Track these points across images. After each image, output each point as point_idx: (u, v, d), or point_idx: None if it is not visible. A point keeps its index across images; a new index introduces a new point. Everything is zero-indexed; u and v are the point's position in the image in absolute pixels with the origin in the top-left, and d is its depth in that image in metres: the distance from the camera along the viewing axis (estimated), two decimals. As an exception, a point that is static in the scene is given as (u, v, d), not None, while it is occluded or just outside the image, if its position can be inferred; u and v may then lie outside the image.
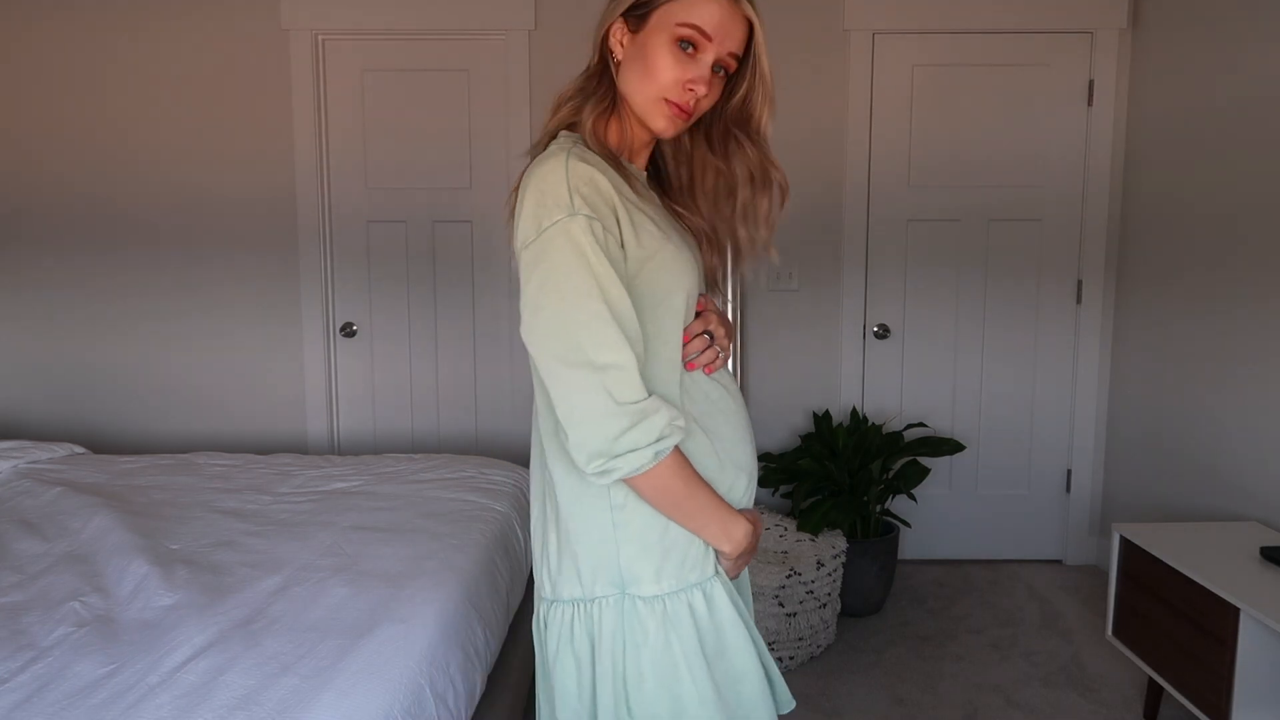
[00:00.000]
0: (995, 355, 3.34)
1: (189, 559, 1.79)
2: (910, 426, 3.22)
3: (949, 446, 2.96)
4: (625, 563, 1.06)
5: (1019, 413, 3.37)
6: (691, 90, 1.03)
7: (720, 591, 1.08)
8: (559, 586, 1.10)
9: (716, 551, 1.09)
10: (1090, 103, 3.20)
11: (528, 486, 2.38)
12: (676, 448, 1.02)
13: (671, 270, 1.05)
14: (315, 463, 2.56)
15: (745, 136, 1.11)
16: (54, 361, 3.30)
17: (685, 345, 1.09)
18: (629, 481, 1.02)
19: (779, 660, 2.53)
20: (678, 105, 1.04)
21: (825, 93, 3.20)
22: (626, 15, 1.06)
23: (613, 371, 0.96)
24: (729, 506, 1.08)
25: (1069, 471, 3.38)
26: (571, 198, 0.97)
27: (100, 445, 3.25)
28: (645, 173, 1.17)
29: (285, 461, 2.58)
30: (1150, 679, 2.24)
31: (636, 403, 0.97)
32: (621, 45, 1.07)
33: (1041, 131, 3.23)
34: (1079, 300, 3.29)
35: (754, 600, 2.51)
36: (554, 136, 1.10)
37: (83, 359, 3.30)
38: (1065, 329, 3.32)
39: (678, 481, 1.02)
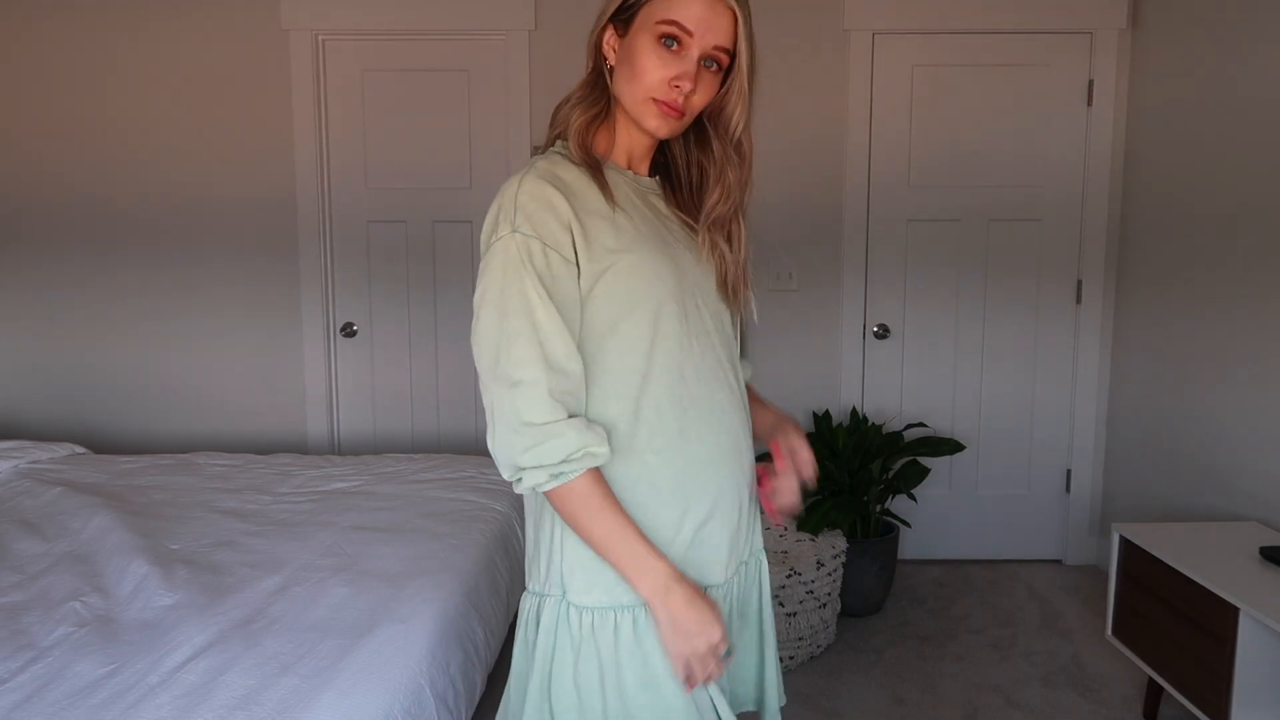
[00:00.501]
0: (995, 355, 3.34)
1: (189, 559, 1.79)
2: (910, 426, 3.22)
3: (949, 446, 2.96)
4: (565, 569, 1.05)
5: (1019, 413, 3.37)
6: (677, 87, 1.01)
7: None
8: (529, 577, 1.12)
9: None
10: (1090, 103, 3.20)
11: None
12: (596, 473, 0.99)
13: (634, 277, 1.02)
14: (315, 463, 2.56)
15: (714, 134, 1.10)
16: (54, 361, 3.31)
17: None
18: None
19: (778, 660, 2.53)
20: (666, 104, 1.02)
21: (825, 93, 3.20)
22: (614, 19, 1.06)
23: (523, 389, 0.96)
24: (645, 547, 0.99)
25: (1069, 471, 3.38)
26: (515, 215, 0.98)
27: (100, 445, 3.25)
28: (655, 177, 1.15)
29: (285, 461, 2.58)
30: (1150, 679, 2.24)
31: (541, 424, 0.96)
32: (614, 50, 1.07)
33: (1041, 131, 3.23)
34: (1079, 300, 3.29)
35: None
36: (553, 144, 1.10)
37: (83, 359, 3.30)
38: (1065, 329, 3.32)
39: (582, 508, 0.98)
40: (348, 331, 3.31)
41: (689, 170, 1.15)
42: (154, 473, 2.44)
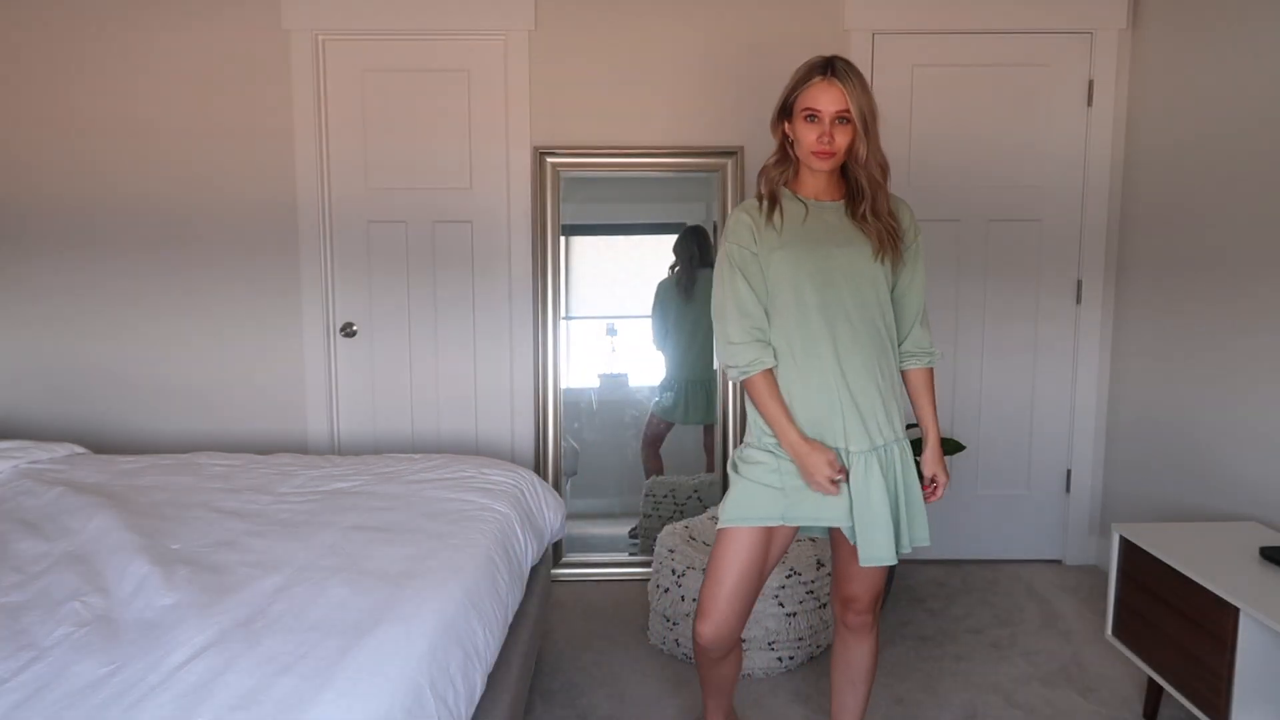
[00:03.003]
0: (995, 355, 3.35)
1: (190, 559, 1.79)
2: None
3: (949, 446, 2.96)
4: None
5: (1019, 412, 3.37)
6: (822, 140, 1.68)
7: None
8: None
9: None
10: (1090, 103, 3.20)
11: (527, 486, 2.38)
12: (768, 374, 1.73)
13: (778, 266, 1.74)
14: (315, 463, 2.56)
15: (851, 161, 1.74)
16: (54, 361, 3.31)
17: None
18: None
19: (779, 660, 2.54)
20: (819, 152, 1.70)
21: (825, 93, 3.20)
22: (782, 115, 1.76)
23: (723, 321, 1.76)
24: (787, 422, 1.72)
25: (1069, 471, 3.38)
26: (726, 233, 1.80)
27: (100, 445, 3.25)
28: (840, 200, 1.79)
29: (285, 461, 2.58)
30: (1150, 679, 2.24)
31: (732, 343, 1.74)
32: (787, 132, 1.76)
33: (1041, 131, 3.23)
34: (1079, 300, 3.29)
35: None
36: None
37: (83, 359, 3.30)
38: (1065, 329, 3.32)
39: (758, 395, 1.75)
40: (348, 331, 3.31)
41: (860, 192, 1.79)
42: (154, 473, 2.44)
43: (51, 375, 3.31)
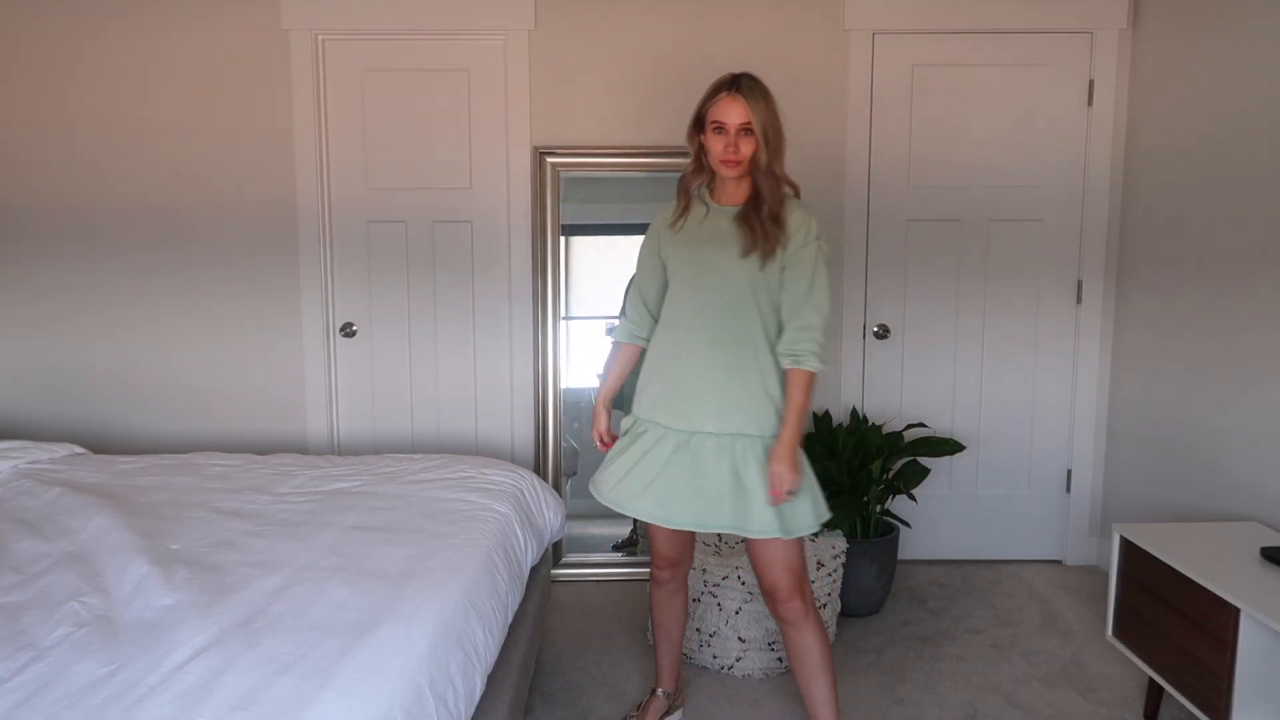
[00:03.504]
0: (995, 355, 3.34)
1: (189, 559, 1.79)
2: (910, 426, 3.22)
3: (949, 446, 2.96)
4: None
5: (1019, 413, 3.37)
6: (728, 149, 1.85)
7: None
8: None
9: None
10: (1090, 103, 3.20)
11: (527, 486, 2.38)
12: (623, 346, 2.07)
13: (669, 262, 1.97)
14: (315, 463, 2.56)
15: (753, 167, 1.88)
16: (54, 362, 3.30)
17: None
18: None
19: (779, 660, 2.54)
20: (726, 160, 1.86)
21: (825, 93, 3.20)
22: (695, 128, 1.93)
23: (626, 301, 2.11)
24: (602, 389, 2.10)
25: (1069, 471, 3.38)
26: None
27: (100, 445, 3.25)
28: (740, 206, 1.92)
29: (285, 461, 2.58)
30: (1150, 679, 2.24)
31: (620, 315, 2.16)
32: (702, 143, 1.92)
33: (1041, 131, 3.23)
34: (1079, 300, 3.29)
35: (753, 600, 2.51)
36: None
37: (83, 359, 3.30)
38: (1065, 329, 3.32)
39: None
40: (348, 331, 3.31)
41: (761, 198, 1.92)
42: (154, 473, 2.44)
43: (51, 375, 3.31)
